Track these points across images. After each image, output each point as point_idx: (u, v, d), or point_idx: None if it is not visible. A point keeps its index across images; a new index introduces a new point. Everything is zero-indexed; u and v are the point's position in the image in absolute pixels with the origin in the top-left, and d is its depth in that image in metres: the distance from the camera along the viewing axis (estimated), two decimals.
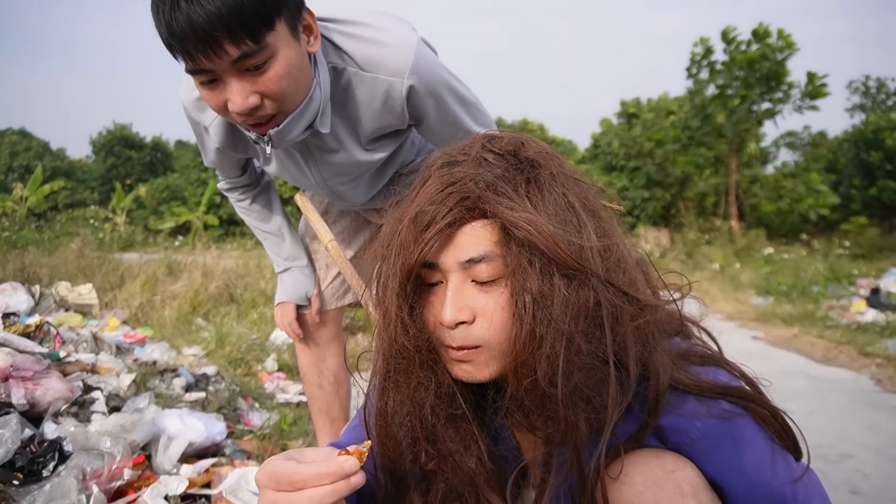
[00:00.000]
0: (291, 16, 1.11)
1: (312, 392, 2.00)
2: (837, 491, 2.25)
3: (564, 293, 0.71)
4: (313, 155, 1.45)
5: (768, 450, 0.78)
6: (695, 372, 0.78)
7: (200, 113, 1.44)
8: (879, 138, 17.43)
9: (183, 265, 6.53)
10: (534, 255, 0.71)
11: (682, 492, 0.75)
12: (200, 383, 3.01)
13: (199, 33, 1.00)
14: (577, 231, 0.74)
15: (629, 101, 21.02)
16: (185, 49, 1.04)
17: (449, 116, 1.40)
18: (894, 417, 3.11)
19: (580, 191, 0.79)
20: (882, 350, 4.34)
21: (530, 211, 0.72)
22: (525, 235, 0.70)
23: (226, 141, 1.47)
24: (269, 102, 1.14)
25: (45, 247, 9.79)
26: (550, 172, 0.77)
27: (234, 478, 2.15)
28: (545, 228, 0.71)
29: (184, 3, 0.99)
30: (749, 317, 6.37)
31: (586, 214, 0.76)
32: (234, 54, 1.05)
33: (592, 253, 0.73)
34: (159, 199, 22.84)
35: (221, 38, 1.02)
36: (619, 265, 0.77)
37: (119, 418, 2.20)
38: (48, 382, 2.30)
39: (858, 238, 14.83)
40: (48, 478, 1.87)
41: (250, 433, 2.67)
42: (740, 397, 0.77)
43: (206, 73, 1.09)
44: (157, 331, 4.80)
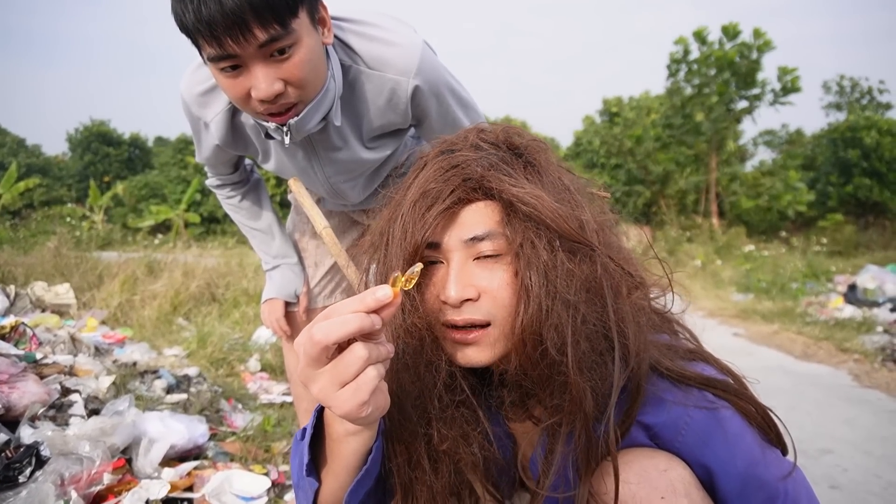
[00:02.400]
0: (311, 6, 1.13)
1: (299, 392, 1.97)
2: (818, 486, 2.28)
3: (569, 266, 0.73)
4: (317, 153, 1.44)
5: (757, 444, 0.79)
6: (681, 364, 0.79)
7: (203, 109, 1.42)
8: (857, 136, 17.74)
9: (163, 264, 6.44)
10: (539, 229, 0.73)
11: (675, 490, 0.76)
12: (182, 385, 2.97)
13: (230, 17, 1.01)
14: (576, 208, 0.76)
15: (611, 100, 21.17)
16: (214, 33, 1.04)
17: (448, 116, 1.42)
18: (872, 412, 3.16)
19: (572, 177, 0.82)
20: (859, 346, 4.41)
21: (534, 187, 0.75)
22: (531, 211, 0.72)
23: (226, 138, 1.44)
24: (292, 90, 1.14)
25: (20, 245, 9.59)
26: (546, 157, 0.80)
27: (216, 480, 2.13)
28: (549, 203, 0.73)
29: None
30: (730, 313, 6.44)
31: (581, 197, 0.79)
32: (262, 38, 1.05)
33: (592, 228, 0.75)
34: (138, 197, 22.54)
35: (250, 22, 1.03)
36: (614, 244, 0.80)
37: (98, 421, 2.16)
38: (24, 385, 2.25)
39: (835, 235, 15.10)
40: (24, 484, 1.83)
41: (233, 435, 2.64)
42: (724, 390, 0.78)
43: (230, 58, 1.08)
44: (137, 331, 4.73)
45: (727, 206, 16.65)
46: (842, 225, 16.07)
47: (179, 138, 25.64)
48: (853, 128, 18.11)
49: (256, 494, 2.13)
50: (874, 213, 17.95)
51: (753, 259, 10.00)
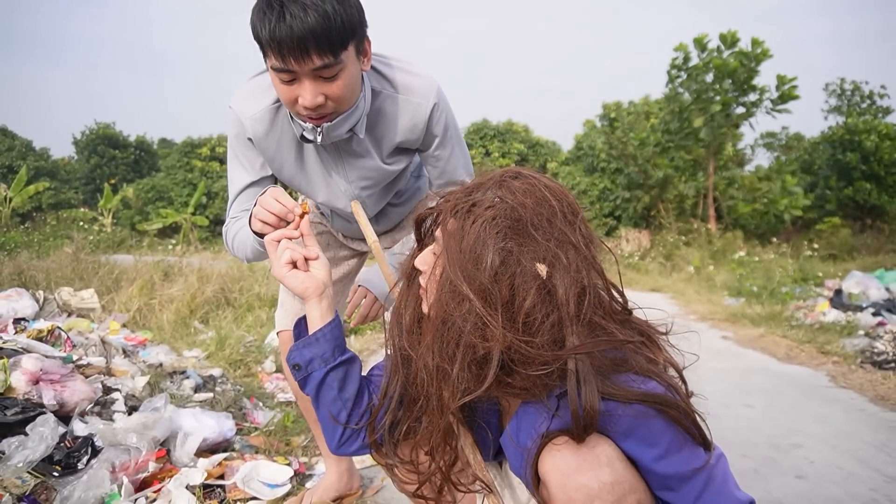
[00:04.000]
0: (359, 41, 1.42)
1: (306, 406, 2.14)
2: (785, 475, 2.53)
3: (448, 300, 1.03)
4: (342, 159, 1.70)
5: (676, 442, 0.99)
6: (625, 379, 1.01)
7: (247, 107, 1.64)
8: (857, 140, 17.92)
9: (177, 268, 6.70)
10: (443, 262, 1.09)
11: (599, 461, 1.00)
12: (208, 384, 3.23)
13: (296, 41, 1.29)
14: (479, 270, 1.02)
15: (610, 104, 21.41)
16: (282, 51, 1.31)
17: (447, 147, 1.71)
18: (843, 410, 3.40)
19: (518, 251, 1.02)
20: (840, 349, 4.65)
21: (457, 240, 1.05)
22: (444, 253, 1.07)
23: (262, 135, 1.64)
24: (331, 104, 1.43)
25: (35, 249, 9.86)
26: (542, 227, 1.02)
27: (245, 470, 2.38)
28: (455, 256, 1.04)
29: (288, 16, 1.28)
30: (720, 317, 6.69)
31: (500, 270, 1.01)
32: (317, 63, 1.34)
33: (479, 287, 1.02)
34: (145, 200, 22.81)
35: (311, 49, 1.31)
36: (513, 305, 1.01)
37: (140, 417, 2.42)
38: (73, 385, 2.52)
39: (831, 238, 15.31)
40: (83, 470, 2.09)
41: (256, 430, 2.90)
42: (655, 402, 0.99)
43: (290, 72, 1.36)
44: (157, 334, 4.97)
45: (725, 211, 16.87)
46: (838, 228, 16.27)
47: (185, 141, 25.90)
48: (852, 131, 18.29)
49: (281, 482, 2.38)
50: (872, 216, 18.13)
51: (746, 264, 10.25)
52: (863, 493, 2.36)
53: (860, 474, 2.54)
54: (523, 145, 23.82)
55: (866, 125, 18.24)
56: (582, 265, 1.02)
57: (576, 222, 1.06)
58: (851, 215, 18.20)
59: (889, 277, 7.18)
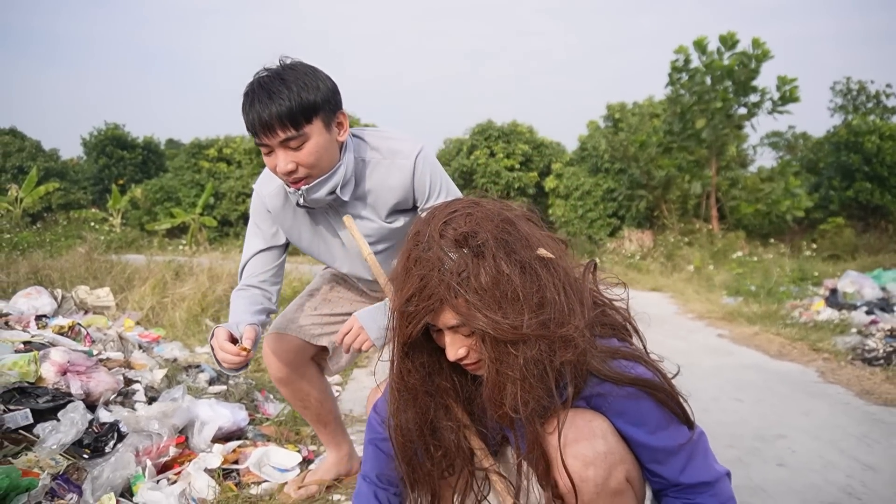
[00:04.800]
0: (327, 115, 1.68)
1: (300, 410, 2.31)
2: (767, 464, 2.67)
3: (513, 353, 1.04)
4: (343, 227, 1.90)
5: (663, 420, 1.13)
6: (617, 364, 1.12)
7: (265, 187, 1.93)
8: (859, 141, 17.98)
9: (187, 268, 6.88)
10: (486, 334, 1.04)
11: (594, 433, 1.14)
12: (221, 378, 3.40)
13: (265, 123, 1.61)
14: (517, 310, 1.03)
15: (614, 105, 21.51)
16: (256, 131, 1.64)
17: (438, 198, 1.85)
18: (829, 404, 3.54)
19: (524, 255, 1.07)
20: (831, 346, 4.78)
21: (479, 308, 1.03)
22: (479, 328, 1.04)
23: (277, 207, 1.91)
24: (302, 169, 1.68)
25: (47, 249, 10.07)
26: (494, 256, 1.04)
27: (257, 455, 2.55)
28: (489, 322, 1.02)
29: (257, 104, 1.61)
30: (717, 316, 6.82)
31: (526, 282, 1.05)
32: (281, 136, 1.62)
33: (529, 323, 1.03)
34: (153, 200, 23.06)
35: (276, 127, 1.61)
36: (556, 309, 1.06)
37: (161, 406, 2.60)
38: (98, 376, 2.69)
39: (834, 238, 15.40)
40: (110, 453, 2.26)
41: (267, 420, 3.06)
42: (644, 385, 1.11)
43: (265, 146, 1.67)
44: (169, 331, 5.15)
45: (727, 211, 16.96)
46: (842, 228, 16.34)
47: (192, 142, 26.13)
48: (855, 132, 18.33)
49: (290, 467, 2.54)
50: (875, 216, 18.18)
51: (745, 264, 10.37)
52: (840, 479, 2.50)
53: (839, 462, 2.68)
54: (528, 146, 23.93)
55: (868, 126, 18.28)
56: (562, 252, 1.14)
57: (532, 216, 1.16)
58: (855, 216, 18.24)
59: (886, 277, 7.29)
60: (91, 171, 29.09)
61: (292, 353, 2.12)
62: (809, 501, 2.29)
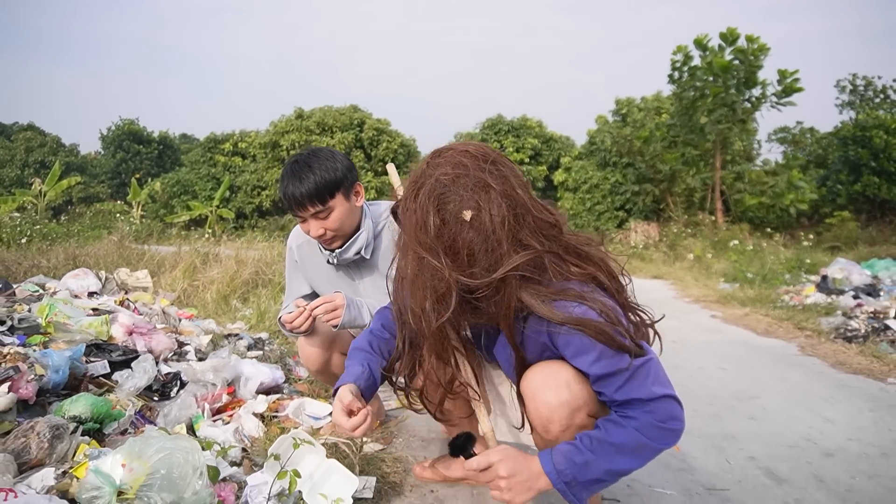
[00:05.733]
0: (347, 189, 2.17)
1: (327, 381, 2.65)
2: (740, 418, 3.03)
3: (421, 270, 1.31)
4: (362, 275, 2.40)
5: (600, 351, 1.28)
6: (559, 305, 1.28)
7: (296, 240, 2.44)
8: (867, 136, 18.12)
9: (212, 255, 7.31)
10: (407, 247, 1.34)
11: (559, 383, 1.37)
12: (258, 344, 3.81)
13: (297, 200, 2.10)
14: (429, 246, 1.27)
15: (622, 100, 21.79)
16: (291, 206, 2.14)
17: None
18: (804, 373, 3.89)
19: (450, 209, 1.27)
20: (815, 325, 5.12)
21: (406, 231, 1.33)
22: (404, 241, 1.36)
23: (305, 258, 2.42)
24: (329, 233, 2.18)
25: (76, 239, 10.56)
26: (425, 206, 1.28)
27: (293, 405, 2.94)
28: (412, 239, 1.30)
29: (291, 186, 2.09)
30: (712, 299, 7.17)
31: (443, 230, 1.27)
32: (311, 211, 2.11)
33: (435, 255, 1.27)
34: (170, 194, 23.61)
35: (306, 203, 2.10)
36: (466, 254, 1.26)
37: (212, 362, 3.01)
38: (157, 337, 3.11)
39: (838, 231, 15.63)
40: (174, 398, 2.68)
41: (299, 380, 3.47)
42: (575, 323, 1.26)
43: (300, 217, 2.17)
44: (201, 310, 5.57)
45: (732, 204, 17.21)
46: (846, 221, 16.56)
47: (208, 137, 26.65)
48: (862, 127, 18.46)
49: (322, 415, 2.95)
50: (882, 210, 18.34)
51: (742, 253, 10.70)
52: (801, 429, 2.87)
53: (803, 417, 3.05)
54: (537, 140, 24.26)
55: (876, 121, 18.41)
56: (501, 199, 1.26)
57: (488, 167, 1.29)
58: (862, 210, 18.41)
59: (879, 266, 7.60)
60: (108, 166, 29.71)
61: (323, 348, 2.42)
62: (772, 445, 2.66)
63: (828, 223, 17.39)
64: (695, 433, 2.78)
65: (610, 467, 1.29)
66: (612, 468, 1.29)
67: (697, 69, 15.78)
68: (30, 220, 12.15)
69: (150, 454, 1.70)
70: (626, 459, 1.29)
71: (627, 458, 1.29)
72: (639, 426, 1.27)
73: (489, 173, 1.28)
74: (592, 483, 1.30)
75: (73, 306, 3.10)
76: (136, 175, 26.68)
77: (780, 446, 2.64)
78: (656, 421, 1.27)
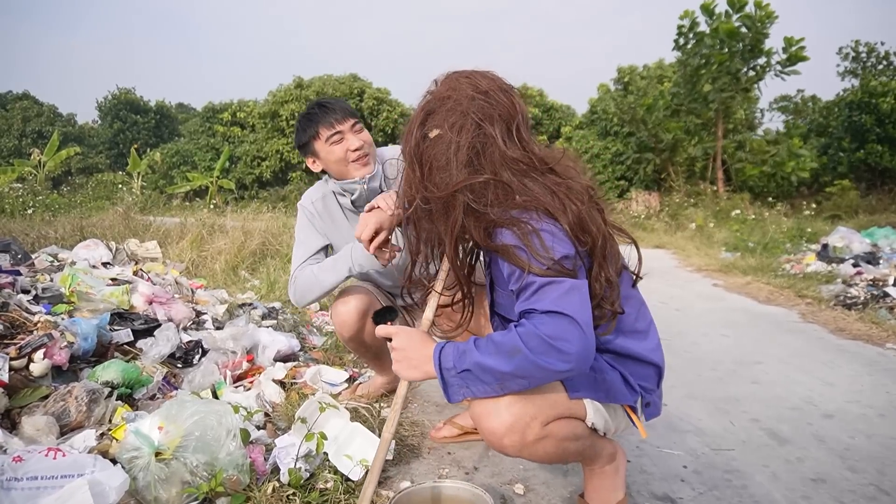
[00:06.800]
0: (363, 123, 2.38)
1: (361, 353, 2.64)
2: (742, 381, 3.13)
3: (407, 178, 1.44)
4: None
5: (514, 273, 1.28)
6: (496, 231, 1.31)
7: (309, 199, 2.51)
8: (874, 102, 17.94)
9: (217, 226, 7.37)
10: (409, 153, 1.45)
11: (498, 407, 1.33)
12: (272, 314, 3.89)
13: (338, 114, 2.28)
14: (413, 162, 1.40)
15: (625, 68, 21.60)
16: (332, 123, 2.26)
17: None
18: (804, 339, 3.99)
19: (419, 132, 1.40)
20: (816, 293, 5.22)
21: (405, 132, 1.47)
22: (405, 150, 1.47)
23: (320, 212, 2.48)
24: (366, 146, 2.32)
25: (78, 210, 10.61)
26: (411, 127, 1.42)
27: (311, 372, 3.04)
28: (407, 142, 1.44)
29: (327, 109, 2.28)
30: (714, 268, 7.27)
31: (420, 147, 1.39)
32: (351, 121, 2.30)
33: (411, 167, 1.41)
34: (170, 164, 23.53)
35: (347, 115, 2.30)
36: (435, 168, 1.36)
37: (231, 330, 3.09)
38: (176, 306, 3.19)
39: (838, 200, 15.67)
40: (197, 365, 2.77)
41: (314, 348, 3.56)
42: (495, 249, 1.31)
43: (338, 133, 2.27)
44: (210, 280, 5.65)
45: (733, 173, 17.21)
46: (847, 190, 16.58)
47: (206, 107, 26.45)
48: (869, 93, 18.25)
49: (339, 382, 3.04)
50: (883, 178, 18.31)
51: (743, 222, 10.78)
52: (801, 391, 2.97)
53: (803, 380, 3.15)
54: (538, 109, 24.11)
55: (883, 87, 18.23)
56: (471, 127, 1.31)
57: (478, 97, 1.34)
58: (863, 178, 18.38)
59: (879, 234, 7.67)
60: (106, 136, 29.54)
61: (359, 315, 2.44)
62: (774, 407, 2.76)
63: (828, 192, 17.40)
64: (700, 396, 2.88)
65: (480, 360, 1.26)
66: (481, 362, 1.26)
67: (705, 35, 15.59)
68: (31, 191, 12.17)
69: (184, 417, 1.79)
70: (498, 360, 1.24)
71: (499, 358, 1.24)
72: (522, 332, 1.21)
73: (474, 101, 1.34)
74: (468, 377, 1.29)
75: (92, 276, 3.17)
76: (135, 145, 26.56)
77: (781, 408, 2.73)
78: (542, 334, 1.18)
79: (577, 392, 1.42)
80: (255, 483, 1.82)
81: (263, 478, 1.88)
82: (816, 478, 2.05)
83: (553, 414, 1.37)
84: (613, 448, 1.62)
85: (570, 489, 1.93)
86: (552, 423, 1.38)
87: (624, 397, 1.47)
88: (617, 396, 1.47)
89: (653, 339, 1.53)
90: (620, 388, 1.47)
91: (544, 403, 1.36)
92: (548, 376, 1.24)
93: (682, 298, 5.24)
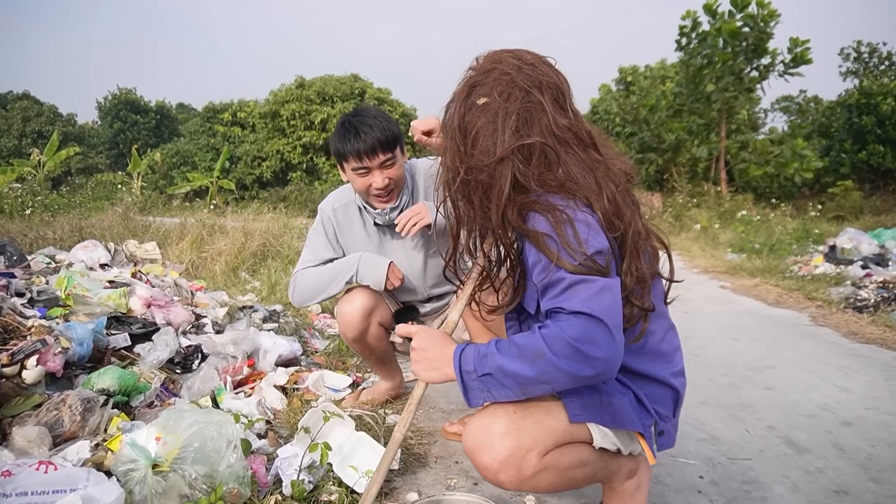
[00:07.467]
0: (401, 145, 2.27)
1: (366, 356, 2.62)
2: (756, 387, 3.06)
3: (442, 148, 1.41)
4: (392, 241, 2.45)
5: (542, 263, 1.20)
6: (530, 215, 1.24)
7: (330, 205, 2.46)
8: (873, 103, 17.91)
9: (218, 227, 7.29)
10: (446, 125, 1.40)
11: (491, 441, 1.26)
12: (273, 317, 3.81)
13: (370, 148, 2.15)
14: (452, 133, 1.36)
15: (627, 68, 21.53)
16: (360, 156, 2.16)
17: None
18: (816, 343, 3.92)
19: (469, 102, 1.33)
20: (825, 296, 5.14)
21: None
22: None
23: (340, 223, 2.44)
24: (392, 183, 2.25)
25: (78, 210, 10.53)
26: (455, 99, 1.36)
27: (313, 378, 2.96)
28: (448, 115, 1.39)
29: (363, 134, 2.15)
30: (721, 270, 7.19)
31: (466, 119, 1.33)
32: (382, 158, 2.19)
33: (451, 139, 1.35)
34: (170, 164, 23.46)
35: (378, 151, 2.17)
36: (477, 137, 1.29)
37: (231, 334, 3.02)
38: (175, 309, 3.11)
39: (842, 201, 15.59)
40: (196, 370, 2.69)
41: (316, 352, 3.48)
42: (524, 232, 1.24)
43: (365, 168, 2.20)
44: (210, 282, 5.57)
45: (736, 174, 17.12)
46: (850, 191, 16.50)
47: (207, 107, 26.40)
48: (868, 94, 18.24)
49: (342, 387, 2.97)
50: (886, 179, 18.26)
51: (750, 223, 10.70)
52: (817, 398, 2.89)
53: (819, 386, 3.07)
54: None
55: (882, 88, 18.20)
56: (519, 94, 1.27)
57: (524, 67, 1.30)
58: (865, 178, 18.32)
59: (886, 235, 7.59)
60: (106, 136, 29.48)
61: (363, 316, 2.39)
62: (790, 414, 2.68)
63: (830, 193, 17.32)
64: (713, 403, 2.80)
65: (502, 364, 1.19)
66: (503, 366, 1.19)
67: (707, 35, 15.51)
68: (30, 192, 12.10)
69: (183, 427, 1.71)
70: (520, 364, 1.17)
71: (522, 362, 1.17)
72: (546, 334, 1.14)
73: (521, 71, 1.30)
74: (488, 381, 1.22)
75: (89, 279, 3.10)
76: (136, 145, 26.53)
77: (797, 415, 2.66)
78: (567, 336, 1.11)
79: (579, 416, 1.31)
80: (256, 496, 1.75)
81: (265, 490, 1.80)
82: (839, 489, 1.97)
83: (552, 443, 1.28)
84: (634, 463, 1.49)
85: (584, 500, 1.85)
86: (552, 452, 1.28)
87: (633, 423, 1.35)
88: (625, 422, 1.34)
89: (677, 364, 1.43)
90: (629, 412, 1.35)
91: (541, 432, 1.27)
92: (573, 382, 1.16)
93: (689, 301, 5.16)
